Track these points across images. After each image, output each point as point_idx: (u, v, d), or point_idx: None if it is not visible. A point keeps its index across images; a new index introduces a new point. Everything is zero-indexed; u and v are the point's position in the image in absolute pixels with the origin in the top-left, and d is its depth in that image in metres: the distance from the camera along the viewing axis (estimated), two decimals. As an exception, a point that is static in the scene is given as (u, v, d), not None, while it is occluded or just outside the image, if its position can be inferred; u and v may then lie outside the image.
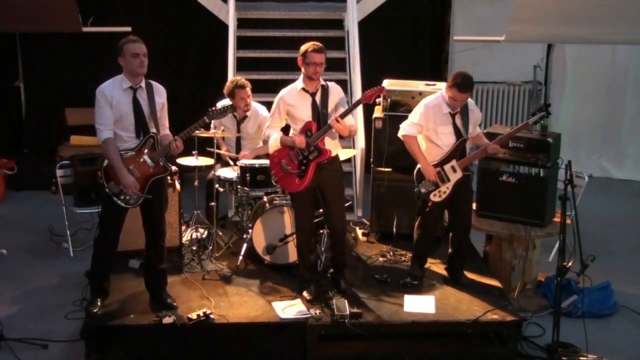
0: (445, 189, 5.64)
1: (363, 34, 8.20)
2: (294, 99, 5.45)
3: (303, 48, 5.37)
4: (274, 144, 5.48)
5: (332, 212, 5.58)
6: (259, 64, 8.51)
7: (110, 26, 8.26)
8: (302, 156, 5.41)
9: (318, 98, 5.43)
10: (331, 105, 5.47)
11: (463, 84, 5.47)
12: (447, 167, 5.63)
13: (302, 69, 5.40)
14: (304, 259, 5.65)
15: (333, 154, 5.48)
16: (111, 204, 5.22)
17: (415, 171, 5.75)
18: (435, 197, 5.67)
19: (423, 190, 5.68)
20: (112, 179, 5.16)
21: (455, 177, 5.63)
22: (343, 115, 5.34)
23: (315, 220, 5.76)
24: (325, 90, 5.45)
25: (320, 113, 5.41)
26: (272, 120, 5.54)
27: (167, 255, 5.53)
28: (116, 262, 5.56)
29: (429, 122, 5.62)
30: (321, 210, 5.72)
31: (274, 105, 5.53)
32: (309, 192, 5.49)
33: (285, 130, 5.65)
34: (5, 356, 5.24)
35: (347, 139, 6.45)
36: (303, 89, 5.43)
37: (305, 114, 5.43)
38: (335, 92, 5.51)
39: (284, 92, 5.51)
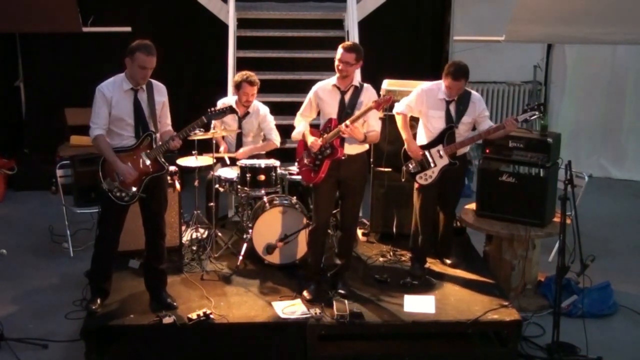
0: (431, 172, 5.78)
1: (363, 34, 8.19)
2: (325, 94, 5.52)
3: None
4: (298, 136, 5.64)
5: (346, 207, 5.63)
6: (259, 64, 8.49)
7: (110, 26, 8.27)
8: (318, 152, 5.46)
9: (347, 97, 5.47)
10: (360, 107, 5.46)
11: (456, 72, 5.64)
12: (433, 151, 5.78)
13: None
14: (313, 255, 5.66)
15: (353, 153, 5.47)
16: (110, 203, 5.22)
17: (402, 150, 5.88)
18: (421, 180, 5.83)
19: (408, 169, 5.83)
20: (108, 175, 5.18)
21: (441, 162, 5.76)
22: (352, 120, 5.34)
23: None
24: (357, 91, 5.48)
25: (345, 112, 5.43)
26: (304, 109, 5.64)
27: (167, 255, 5.54)
28: (116, 262, 5.56)
29: (420, 104, 5.81)
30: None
31: (308, 95, 5.61)
32: (329, 188, 5.52)
33: None
34: (5, 356, 5.24)
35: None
36: (335, 85, 5.48)
37: (331, 110, 5.48)
38: (368, 95, 5.50)
39: (318, 84, 5.59)
